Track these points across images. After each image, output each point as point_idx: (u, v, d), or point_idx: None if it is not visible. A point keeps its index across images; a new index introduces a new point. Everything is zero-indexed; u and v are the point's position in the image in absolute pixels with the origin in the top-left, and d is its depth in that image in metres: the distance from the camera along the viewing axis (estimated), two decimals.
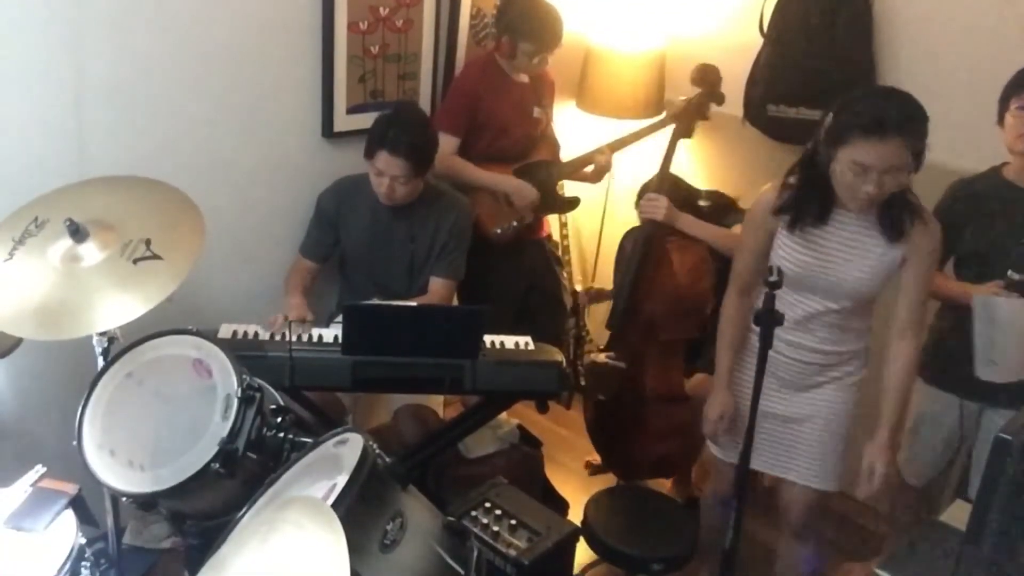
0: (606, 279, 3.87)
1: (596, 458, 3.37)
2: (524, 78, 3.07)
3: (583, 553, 2.40)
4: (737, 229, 2.69)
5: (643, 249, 2.85)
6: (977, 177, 2.40)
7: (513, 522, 2.21)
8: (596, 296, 3.32)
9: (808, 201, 2.08)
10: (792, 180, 2.12)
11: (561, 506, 2.96)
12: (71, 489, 1.85)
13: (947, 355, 2.41)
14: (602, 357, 2.97)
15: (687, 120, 3.01)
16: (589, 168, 3.18)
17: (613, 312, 2.99)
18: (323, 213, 2.78)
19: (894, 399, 2.17)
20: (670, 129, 3.00)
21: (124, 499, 1.75)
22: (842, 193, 2.01)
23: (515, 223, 3.05)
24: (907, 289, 2.14)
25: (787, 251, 2.14)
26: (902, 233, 2.05)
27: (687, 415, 2.89)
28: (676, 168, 3.03)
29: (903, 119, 1.90)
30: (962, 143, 2.81)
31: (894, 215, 2.03)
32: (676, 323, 2.81)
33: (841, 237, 2.09)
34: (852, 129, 1.91)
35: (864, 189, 1.94)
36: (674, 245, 2.77)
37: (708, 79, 2.92)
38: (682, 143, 2.99)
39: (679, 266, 2.72)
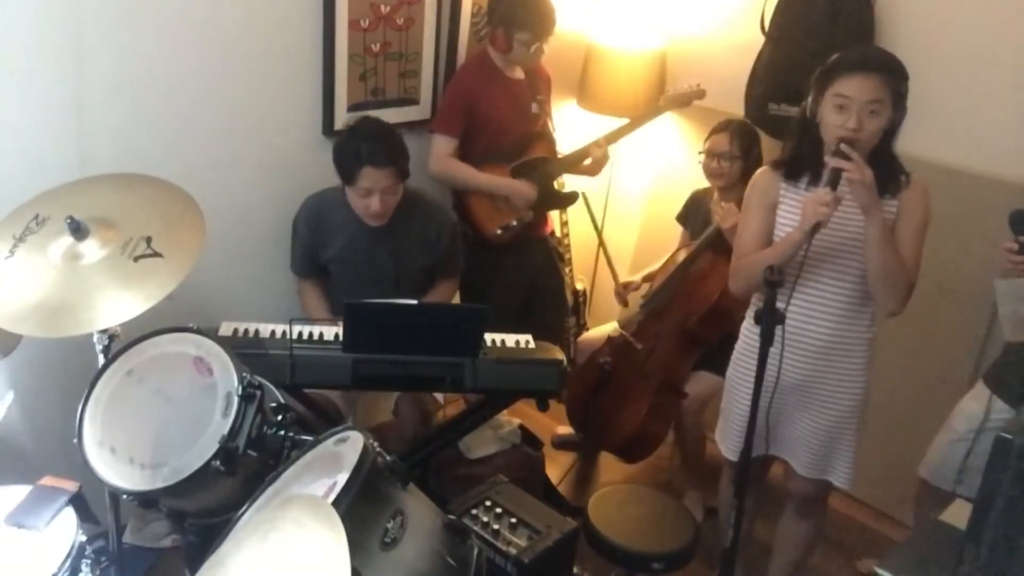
0: (605, 278, 3.87)
1: (566, 431, 3.41)
2: (520, 74, 3.06)
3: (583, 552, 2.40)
4: None
5: (703, 247, 2.92)
6: None
7: (513, 520, 2.21)
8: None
9: (803, 152, 2.16)
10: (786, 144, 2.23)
11: (562, 505, 2.96)
12: (71, 487, 1.85)
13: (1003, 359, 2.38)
14: (625, 333, 3.07)
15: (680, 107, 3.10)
16: (587, 162, 3.18)
17: (653, 296, 3.02)
18: (301, 238, 2.72)
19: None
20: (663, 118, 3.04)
21: (124, 497, 1.74)
22: (827, 138, 2.06)
23: (514, 222, 3.05)
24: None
25: (792, 218, 2.16)
26: (896, 186, 2.08)
27: (675, 409, 2.98)
28: (676, 166, 3.03)
29: (884, 60, 2.06)
30: (962, 142, 2.81)
31: (884, 171, 2.06)
32: (703, 323, 2.90)
33: None
34: (837, 68, 2.04)
35: (846, 125, 1.99)
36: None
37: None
38: (683, 140, 2.99)
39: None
